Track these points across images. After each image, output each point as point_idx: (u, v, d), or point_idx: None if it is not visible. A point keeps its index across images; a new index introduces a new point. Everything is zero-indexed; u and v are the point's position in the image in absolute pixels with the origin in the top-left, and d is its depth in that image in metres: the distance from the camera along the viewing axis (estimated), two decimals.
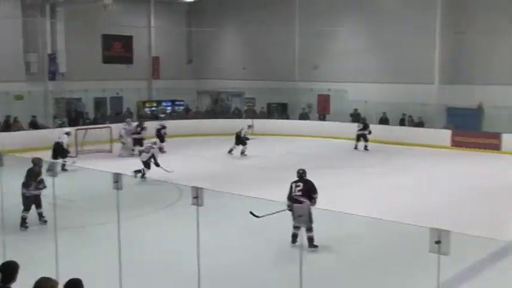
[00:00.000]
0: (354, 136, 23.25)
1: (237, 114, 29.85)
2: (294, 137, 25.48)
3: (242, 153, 21.04)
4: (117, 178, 6.98)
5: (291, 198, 10.04)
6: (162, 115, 23.49)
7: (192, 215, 6.53)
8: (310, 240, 9.86)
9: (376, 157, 21.21)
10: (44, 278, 4.74)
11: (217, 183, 15.14)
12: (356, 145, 23.10)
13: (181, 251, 9.41)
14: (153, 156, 16.45)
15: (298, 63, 29.58)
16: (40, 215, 11.55)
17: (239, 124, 27.11)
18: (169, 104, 30.53)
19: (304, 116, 28.17)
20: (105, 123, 24.58)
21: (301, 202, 9.45)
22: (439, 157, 21.14)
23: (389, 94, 25.75)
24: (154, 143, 17.33)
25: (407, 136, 24.03)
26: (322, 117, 28.12)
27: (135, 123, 22.26)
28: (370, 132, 22.94)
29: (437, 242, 5.21)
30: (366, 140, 22.89)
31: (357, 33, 27.54)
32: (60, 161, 17.23)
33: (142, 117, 26.57)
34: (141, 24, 30.20)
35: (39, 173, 11.29)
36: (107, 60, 28.72)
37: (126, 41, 29.72)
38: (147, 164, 16.36)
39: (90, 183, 16.15)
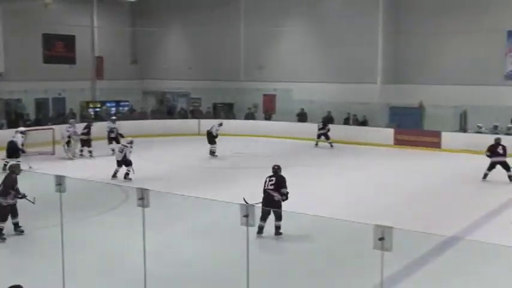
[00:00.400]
0: (304, 136, 23.70)
1: (183, 115, 29.66)
2: (240, 137, 25.53)
3: (212, 153, 20.88)
4: (59, 180, 6.83)
5: (264, 191, 10.89)
6: (113, 117, 22.85)
7: (138, 217, 6.46)
8: (278, 228, 10.77)
9: (321, 156, 21.48)
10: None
11: (163, 184, 15.03)
12: (317, 142, 23.71)
13: (127, 252, 9.29)
14: (125, 155, 16.54)
15: (244, 63, 29.67)
16: (16, 225, 10.93)
17: (185, 124, 27.13)
18: (114, 104, 30.01)
19: (250, 116, 28.26)
20: (48, 125, 23.96)
21: (272, 196, 10.74)
22: (383, 155, 21.58)
23: (334, 93, 26.18)
24: (130, 142, 17.08)
25: (351, 135, 24.44)
26: (268, 117, 28.28)
27: (79, 125, 21.78)
28: (328, 130, 23.62)
29: (381, 239, 5.32)
30: (327, 138, 23.55)
31: (302, 33, 27.84)
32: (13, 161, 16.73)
33: (86, 118, 26.09)
34: (84, 23, 29.60)
35: (16, 181, 10.86)
36: (48, 60, 28.02)
37: (68, 41, 29.07)
38: (126, 163, 16.54)
39: (32, 186, 15.71)
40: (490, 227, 11.78)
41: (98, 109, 29.16)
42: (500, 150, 16.47)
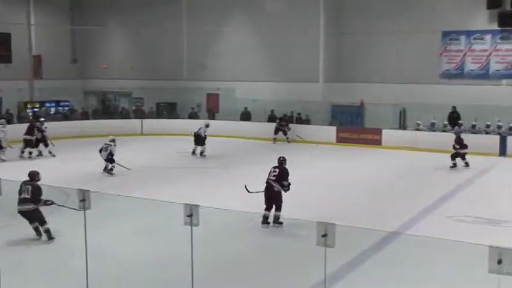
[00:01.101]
0: (248, 135, 23.85)
1: (125, 115, 29.23)
2: (184, 136, 25.34)
3: (201, 153, 20.66)
4: None
5: (266, 181, 11.39)
6: (41, 119, 22.00)
7: (80, 218, 6.34)
8: (277, 218, 11.27)
9: (264, 153, 21.56)
10: None
11: (106, 185, 14.76)
12: (275, 138, 24.28)
13: (69, 254, 9.09)
14: (110, 153, 17.00)
15: (187, 62, 29.51)
16: None
17: (128, 124, 26.73)
18: (53, 104, 29.27)
19: (193, 115, 28.09)
20: None
21: (272, 186, 11.28)
22: (325, 153, 21.87)
23: (277, 92, 26.38)
24: (113, 140, 17.34)
25: (294, 133, 24.63)
26: (212, 116, 28.21)
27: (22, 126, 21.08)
28: (289, 128, 24.33)
29: (324, 236, 5.39)
30: (285, 134, 24.20)
31: (245, 33, 27.92)
32: None
33: (25, 119, 25.39)
34: (20, 20, 28.70)
35: None
36: None
37: (3, 39, 28.10)
38: (110, 160, 17.12)
39: None
40: (429, 221, 12.12)
41: (36, 109, 28.35)
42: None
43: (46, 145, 20.41)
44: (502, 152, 20.68)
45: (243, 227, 11.35)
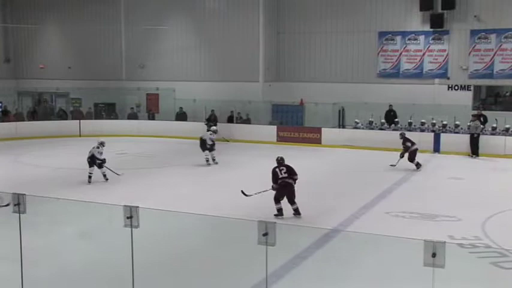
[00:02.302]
0: (186, 135, 23.68)
1: (62, 116, 28.52)
2: (124, 137, 24.99)
3: (213, 160, 19.03)
4: None
5: (279, 180, 12.22)
6: None
7: (15, 223, 6.15)
8: (296, 210, 12.11)
9: (199, 153, 21.50)
10: None
11: (41, 189, 14.36)
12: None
13: (3, 261, 8.81)
14: (92, 156, 16.12)
15: (126, 62, 29.11)
16: None
17: (65, 126, 26.08)
18: None
19: (132, 116, 27.73)
20: None
21: (289, 182, 12.20)
22: (266, 152, 21.98)
23: (218, 92, 26.36)
24: (101, 143, 16.47)
25: (235, 132, 24.70)
26: (152, 117, 27.92)
27: None
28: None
29: (265, 234, 5.43)
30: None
31: (184, 32, 27.78)
32: None
33: None
34: None
35: None
36: None
37: None
38: (99, 165, 16.11)
39: None
40: (368, 217, 12.39)
41: None
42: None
43: None
44: (436, 148, 21.37)
45: (183, 228, 11.29)
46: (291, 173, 12.39)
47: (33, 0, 30.27)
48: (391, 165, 18.09)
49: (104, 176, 16.02)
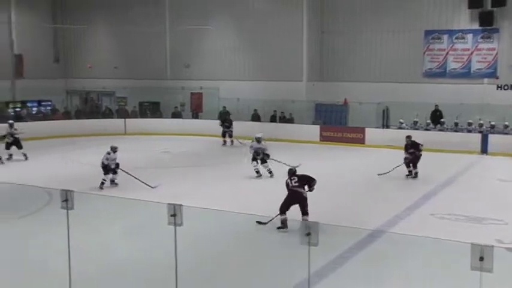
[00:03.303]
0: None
1: (108, 114, 29.07)
2: (168, 136, 25.29)
3: (270, 172, 16.78)
4: None
5: (289, 189, 11.35)
6: (10, 121, 20.90)
7: (62, 219, 6.29)
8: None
9: (247, 153, 21.55)
10: None
11: (88, 186, 14.66)
12: (224, 140, 23.54)
13: (52, 256, 9.03)
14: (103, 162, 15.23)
15: (170, 62, 29.43)
16: None
17: (111, 124, 26.55)
18: (35, 104, 29.02)
19: (177, 115, 28.05)
20: None
21: (300, 192, 11.21)
22: (309, 151, 21.91)
23: (261, 91, 26.39)
24: (113, 149, 15.56)
25: (278, 132, 24.67)
26: (195, 116, 28.15)
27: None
28: (231, 131, 23.48)
29: (307, 234, 5.41)
30: (230, 136, 23.45)
31: (228, 31, 27.91)
32: None
33: (5, 119, 25.13)
34: (1, 19, 28.41)
35: None
36: None
37: None
38: (113, 170, 15.23)
39: None
40: (412, 219, 12.20)
41: (18, 109, 28.09)
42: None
43: (19, 147, 19.61)
44: (484, 149, 20.89)
45: (226, 227, 11.34)
46: (303, 181, 11.46)
47: (82, 3, 30.91)
48: (379, 174, 16.66)
49: (113, 181, 15.29)
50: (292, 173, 11.75)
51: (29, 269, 9.10)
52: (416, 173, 16.52)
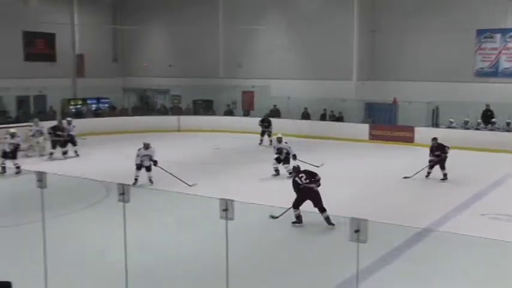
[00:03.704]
0: (278, 131, 23.46)
1: (163, 111, 29.53)
2: (220, 133, 25.49)
3: (289, 173, 15.76)
4: (40, 177, 6.75)
5: (301, 187, 11.20)
6: (68, 118, 21.02)
7: (119, 212, 6.41)
8: (327, 218, 10.96)
9: (298, 150, 21.49)
10: None
11: (144, 180, 14.91)
12: (261, 139, 22.96)
13: (109, 247, 9.23)
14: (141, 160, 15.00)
15: (223, 60, 29.63)
16: None
17: (165, 121, 26.96)
18: (95, 101, 29.77)
19: (229, 112, 28.26)
20: (28, 122, 23.64)
21: (311, 188, 11.13)
22: (358, 150, 21.70)
23: (311, 90, 26.28)
24: (145, 146, 15.24)
25: (327, 130, 24.53)
26: (247, 113, 28.27)
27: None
28: (270, 131, 22.83)
29: (356, 231, 5.35)
30: (269, 135, 22.69)
31: (279, 31, 27.89)
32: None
33: (67, 115, 25.90)
34: (64, 21, 29.22)
35: None
36: (29, 57, 27.74)
37: (49, 38, 28.77)
38: (147, 168, 15.02)
39: (13, 182, 15.57)
40: (462, 218, 11.92)
41: (79, 106, 28.88)
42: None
43: (74, 144, 20.06)
44: None
45: (274, 222, 11.35)
46: (312, 177, 11.37)
47: (140, 5, 31.46)
48: (404, 177, 15.97)
49: (150, 179, 15.07)
50: (298, 170, 11.77)
51: (88, 259, 9.34)
52: (445, 175, 15.79)
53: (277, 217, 11.36)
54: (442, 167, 15.87)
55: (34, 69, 27.23)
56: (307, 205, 11.15)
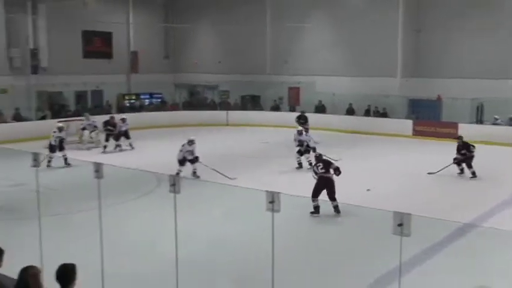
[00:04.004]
0: (322, 126, 23.49)
1: (212, 106, 29.77)
2: (266, 127, 25.53)
3: (309, 163, 15.96)
4: (97, 167, 6.90)
5: (318, 176, 11.52)
6: (123, 116, 21.44)
7: (170, 202, 6.50)
8: (336, 207, 11.29)
9: (342, 145, 21.35)
10: (28, 266, 4.69)
11: (187, 173, 15.05)
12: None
13: (160, 236, 9.38)
14: (183, 154, 15.22)
15: (270, 57, 29.59)
16: None
17: (214, 115, 27.18)
18: (147, 96, 30.28)
19: (275, 108, 28.27)
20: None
21: (327, 177, 11.37)
22: (401, 145, 21.39)
23: (356, 86, 26.00)
24: (190, 142, 15.41)
25: (372, 126, 24.26)
26: (293, 109, 28.21)
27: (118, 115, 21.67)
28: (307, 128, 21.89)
29: (400, 225, 5.28)
30: (307, 132, 22.11)
31: (325, 28, 27.69)
32: (58, 154, 16.94)
33: (122, 110, 26.49)
34: (120, 20, 29.81)
35: None
36: (87, 55, 28.36)
37: (106, 37, 29.38)
38: (191, 161, 15.22)
39: (72, 173, 15.99)
40: (506, 214, 11.60)
41: (133, 101, 29.45)
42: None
43: (127, 138, 20.45)
44: None
45: (321, 215, 11.31)
46: (329, 166, 11.60)
47: (190, 4, 31.72)
48: (429, 173, 15.73)
49: (194, 173, 15.18)
50: (318, 159, 12.07)
51: (140, 247, 9.52)
52: (474, 173, 15.34)
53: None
54: (469, 166, 15.45)
55: (92, 66, 27.87)
56: (352, 200, 11.06)
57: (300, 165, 16.56)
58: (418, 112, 24.74)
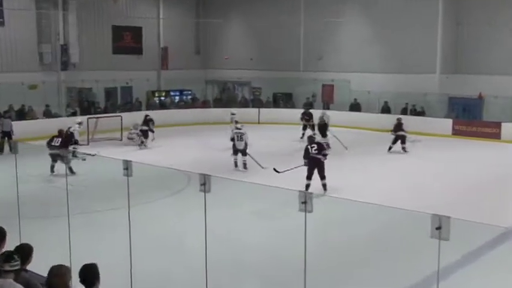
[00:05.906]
0: (357, 125, 23.34)
1: (244, 104, 29.80)
2: (299, 125, 25.40)
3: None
4: (126, 165, 6.97)
5: (309, 156, 13.29)
6: (148, 116, 22.30)
7: (200, 201, 6.54)
8: (324, 185, 13.22)
9: (378, 144, 21.13)
10: (57, 265, 4.76)
11: (225, 171, 15.14)
12: (303, 133, 22.40)
13: (189, 235, 9.45)
14: (245, 143, 16.57)
15: (303, 53, 29.50)
16: None
17: (246, 113, 27.13)
18: (177, 93, 30.48)
19: (307, 105, 28.07)
20: (116, 112, 24.58)
21: (318, 159, 13.20)
22: (440, 145, 21.07)
23: (392, 84, 25.69)
24: (239, 129, 16.88)
25: (409, 125, 23.91)
26: (326, 107, 28.04)
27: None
28: (312, 124, 22.50)
29: (438, 228, 5.20)
30: (313, 129, 21.91)
31: (360, 24, 27.44)
32: (70, 148, 17.19)
33: (151, 107, 26.77)
34: (150, 15, 30.11)
35: None
36: (117, 51, 28.70)
37: (136, 32, 29.69)
38: (243, 152, 16.48)
39: (101, 170, 16.20)
40: None
41: (163, 98, 29.70)
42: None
43: (146, 137, 20.97)
44: None
45: (355, 216, 11.23)
46: (322, 149, 13.36)
47: None
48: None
49: (244, 165, 16.07)
50: (312, 141, 13.71)
51: (169, 245, 9.61)
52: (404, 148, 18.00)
53: (280, 172, 13.50)
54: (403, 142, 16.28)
55: (121, 62, 28.21)
56: (386, 201, 10.94)
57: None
58: (458, 111, 24.34)
